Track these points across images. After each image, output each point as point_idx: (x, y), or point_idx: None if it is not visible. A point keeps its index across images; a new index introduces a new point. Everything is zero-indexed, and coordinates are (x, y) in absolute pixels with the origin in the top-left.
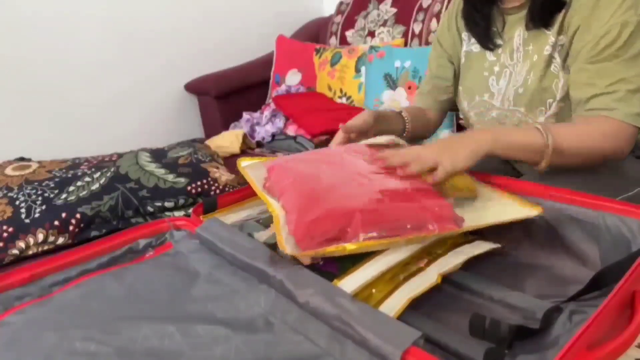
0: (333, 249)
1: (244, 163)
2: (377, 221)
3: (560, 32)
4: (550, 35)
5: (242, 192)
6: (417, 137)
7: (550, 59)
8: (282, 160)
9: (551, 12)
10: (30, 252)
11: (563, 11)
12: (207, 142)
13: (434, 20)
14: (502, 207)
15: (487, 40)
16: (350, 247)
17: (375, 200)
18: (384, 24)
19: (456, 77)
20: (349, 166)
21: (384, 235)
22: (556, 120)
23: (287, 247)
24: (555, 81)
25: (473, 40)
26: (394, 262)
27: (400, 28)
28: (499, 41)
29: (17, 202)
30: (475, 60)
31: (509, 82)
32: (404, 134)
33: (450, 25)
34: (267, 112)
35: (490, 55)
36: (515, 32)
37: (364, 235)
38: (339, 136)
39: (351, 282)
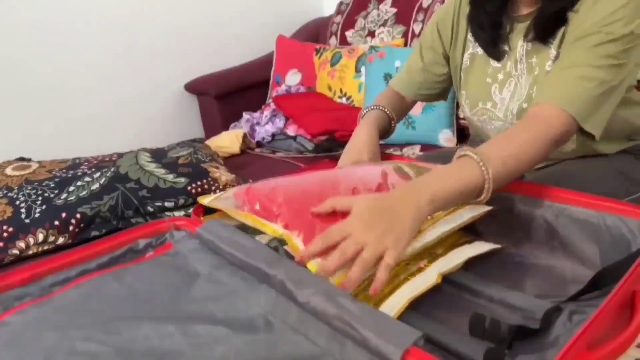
0: None
1: (205, 201)
2: None
3: (560, 45)
4: (552, 49)
5: None
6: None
7: None
8: (253, 184)
9: (553, 26)
10: (30, 252)
11: (564, 26)
12: (207, 142)
13: None
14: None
15: (492, 49)
16: None
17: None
18: (384, 24)
19: (446, 77)
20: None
21: None
22: None
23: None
24: None
25: None
26: None
27: (400, 28)
28: (505, 48)
29: (17, 202)
30: (478, 64)
31: (513, 93)
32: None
33: (454, 24)
34: (267, 112)
35: (494, 62)
36: (518, 41)
37: None
38: None
39: None
